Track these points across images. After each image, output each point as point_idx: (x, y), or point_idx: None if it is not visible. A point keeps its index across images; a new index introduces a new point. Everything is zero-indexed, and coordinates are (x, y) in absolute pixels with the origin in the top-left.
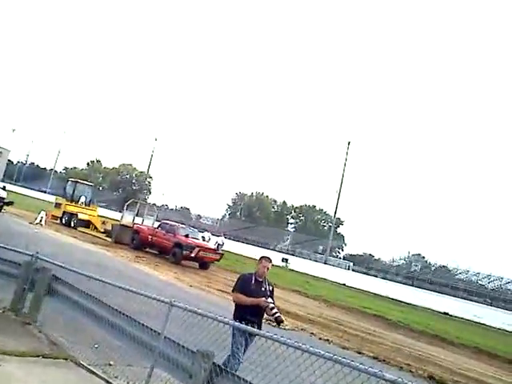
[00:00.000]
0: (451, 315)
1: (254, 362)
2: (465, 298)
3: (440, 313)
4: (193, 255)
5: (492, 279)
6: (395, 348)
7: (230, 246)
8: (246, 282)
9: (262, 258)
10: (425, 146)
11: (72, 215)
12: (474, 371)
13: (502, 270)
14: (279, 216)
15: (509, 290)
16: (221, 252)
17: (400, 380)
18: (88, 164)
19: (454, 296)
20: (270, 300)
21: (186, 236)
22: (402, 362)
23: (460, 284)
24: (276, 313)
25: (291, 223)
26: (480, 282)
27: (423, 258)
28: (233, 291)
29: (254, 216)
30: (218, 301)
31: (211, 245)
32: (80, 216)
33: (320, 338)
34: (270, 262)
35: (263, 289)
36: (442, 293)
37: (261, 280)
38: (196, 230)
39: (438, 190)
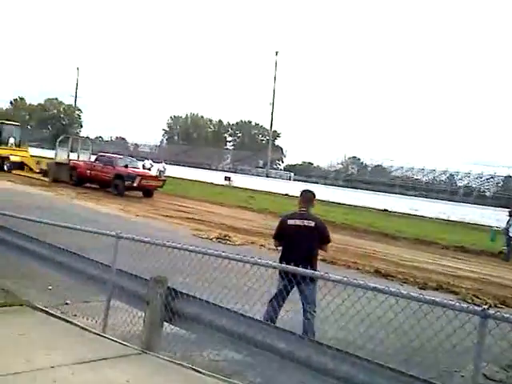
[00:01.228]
0: (390, 211)
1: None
2: (402, 194)
3: (380, 210)
4: (135, 185)
5: (426, 172)
6: (341, 248)
7: (171, 171)
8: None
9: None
10: (349, 48)
11: (3, 158)
12: (415, 261)
13: (434, 162)
14: (217, 135)
15: (442, 181)
16: (163, 178)
17: (345, 279)
18: (11, 103)
19: (391, 193)
20: None
21: (126, 166)
22: (349, 260)
23: (396, 181)
24: None
25: (229, 141)
26: (415, 177)
27: (359, 160)
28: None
29: (191, 138)
30: (165, 226)
31: (153, 172)
32: (12, 158)
33: (269, 249)
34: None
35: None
36: (380, 191)
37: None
38: (134, 159)
39: (366, 92)
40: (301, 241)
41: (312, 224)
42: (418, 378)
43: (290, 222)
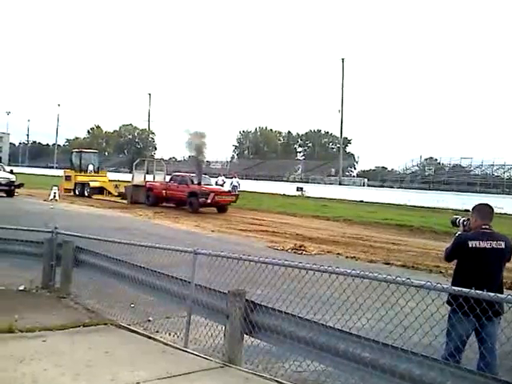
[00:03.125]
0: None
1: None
2: (483, 192)
3: (460, 211)
4: (209, 201)
5: (507, 168)
6: (422, 253)
7: (243, 184)
8: None
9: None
10: (421, 50)
11: (84, 185)
12: None
13: None
14: (287, 147)
15: None
16: (236, 193)
17: (429, 284)
18: (88, 132)
19: (472, 192)
20: None
21: (199, 184)
22: (431, 264)
23: (476, 179)
24: None
25: (299, 152)
26: (495, 174)
27: (436, 160)
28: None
29: (261, 152)
30: (240, 240)
31: (226, 188)
32: (92, 184)
33: (347, 257)
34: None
35: None
36: (460, 191)
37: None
38: (207, 176)
39: (437, 93)
40: (490, 268)
41: (502, 245)
42: None
43: (472, 243)
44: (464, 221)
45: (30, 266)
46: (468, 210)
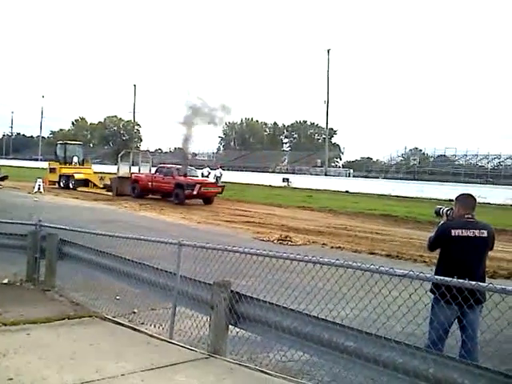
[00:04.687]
0: None
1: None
2: (467, 182)
3: (444, 201)
4: (195, 193)
5: (490, 158)
6: (406, 242)
7: (230, 176)
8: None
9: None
10: (405, 41)
11: (68, 177)
12: None
13: (498, 147)
14: (272, 138)
15: (508, 165)
16: (222, 184)
17: (411, 273)
18: (73, 123)
19: (456, 182)
20: None
21: (185, 175)
22: (415, 254)
23: (460, 169)
24: None
25: (285, 143)
26: (479, 164)
27: (420, 150)
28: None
29: (247, 143)
30: (226, 231)
31: (211, 179)
32: (76, 176)
33: (332, 247)
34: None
35: None
36: (444, 181)
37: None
38: (193, 167)
39: (422, 84)
40: (473, 257)
41: (485, 234)
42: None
43: (455, 232)
44: (448, 211)
45: (14, 259)
46: (452, 200)
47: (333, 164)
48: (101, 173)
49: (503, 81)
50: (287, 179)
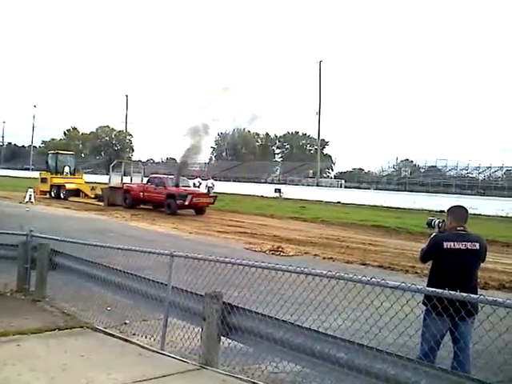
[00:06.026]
0: None
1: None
2: (458, 193)
3: (436, 212)
4: (187, 203)
5: (481, 170)
6: (398, 253)
7: (222, 186)
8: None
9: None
10: (397, 54)
11: (60, 187)
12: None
13: (489, 158)
14: (265, 148)
15: (499, 177)
16: (213, 195)
17: (403, 285)
18: (65, 133)
19: (447, 193)
20: None
21: (177, 186)
22: (407, 265)
23: (451, 180)
24: None
25: (277, 153)
26: (470, 175)
27: (411, 162)
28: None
29: (239, 153)
30: (218, 242)
31: (202, 189)
32: (68, 186)
33: (324, 258)
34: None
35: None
36: (435, 192)
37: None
38: (185, 178)
39: (413, 95)
40: (465, 269)
41: (477, 246)
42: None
43: (447, 244)
44: (439, 222)
45: (5, 269)
46: (443, 211)
47: (324, 175)
48: (92, 183)
49: (493, 92)
50: (279, 190)
